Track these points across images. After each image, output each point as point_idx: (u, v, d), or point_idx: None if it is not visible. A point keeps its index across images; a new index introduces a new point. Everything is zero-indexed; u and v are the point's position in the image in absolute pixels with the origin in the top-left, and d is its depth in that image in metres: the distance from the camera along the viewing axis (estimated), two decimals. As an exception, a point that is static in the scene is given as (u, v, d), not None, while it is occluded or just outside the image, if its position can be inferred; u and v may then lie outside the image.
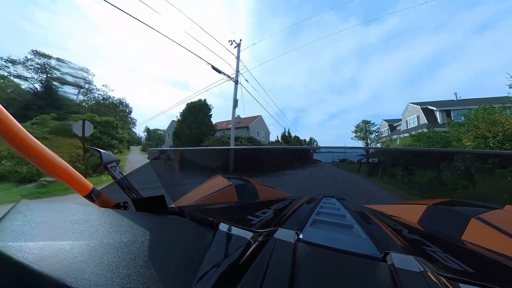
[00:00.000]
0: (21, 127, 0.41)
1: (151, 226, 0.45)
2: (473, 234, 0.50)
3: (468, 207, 0.63)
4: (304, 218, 0.55)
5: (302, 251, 0.36)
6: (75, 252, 0.30)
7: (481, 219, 0.52)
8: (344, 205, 0.69)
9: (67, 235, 0.34)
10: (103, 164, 0.74)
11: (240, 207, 0.82)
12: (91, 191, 0.59)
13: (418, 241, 0.49)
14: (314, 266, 0.33)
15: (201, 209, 0.74)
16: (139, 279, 0.28)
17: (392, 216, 0.65)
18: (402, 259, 0.33)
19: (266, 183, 0.98)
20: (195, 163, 0.89)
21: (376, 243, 0.41)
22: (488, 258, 0.42)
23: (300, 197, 0.84)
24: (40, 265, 0.25)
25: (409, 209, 0.69)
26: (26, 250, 0.27)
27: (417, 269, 0.31)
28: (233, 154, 0.97)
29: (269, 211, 0.65)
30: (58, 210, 0.41)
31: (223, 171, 0.92)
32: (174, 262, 0.35)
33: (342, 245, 0.40)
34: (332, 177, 0.87)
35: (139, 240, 0.38)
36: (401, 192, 0.78)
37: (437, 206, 0.64)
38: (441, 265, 0.35)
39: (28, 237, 0.30)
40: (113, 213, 0.47)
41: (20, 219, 0.33)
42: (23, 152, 0.42)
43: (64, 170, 0.51)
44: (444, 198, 0.68)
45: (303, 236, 0.41)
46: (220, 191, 0.84)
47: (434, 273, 0.30)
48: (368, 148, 1.29)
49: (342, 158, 0.78)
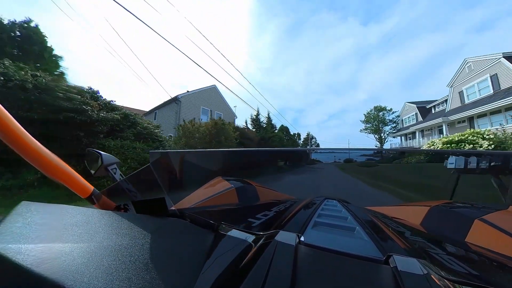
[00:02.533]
0: (21, 128, 0.41)
1: (152, 228, 0.45)
2: (477, 236, 0.49)
3: (471, 208, 0.62)
4: (305, 221, 0.55)
5: (304, 254, 0.36)
6: (75, 255, 0.29)
7: (485, 220, 0.51)
8: (345, 207, 0.69)
9: (67, 237, 0.34)
10: (103, 166, 0.74)
11: (241, 209, 0.81)
12: (92, 193, 0.59)
13: (421, 243, 0.49)
14: (316, 269, 0.33)
15: (202, 211, 0.74)
16: (139, 282, 0.28)
17: (394, 218, 0.65)
18: (405, 261, 0.33)
19: (267, 185, 0.97)
20: (196, 165, 0.89)
21: (378, 245, 0.41)
22: (492, 260, 0.42)
23: (301, 199, 0.84)
24: (40, 267, 0.25)
25: (411, 211, 0.69)
26: (26, 252, 0.27)
27: (420, 272, 0.30)
28: (234, 156, 0.97)
29: (270, 214, 0.65)
30: (59, 212, 0.41)
31: (224, 173, 0.92)
32: (174, 265, 0.35)
33: (343, 247, 0.39)
34: (334, 179, 0.86)
35: (139, 242, 0.38)
36: (404, 194, 0.78)
37: (440, 207, 0.63)
38: (444, 267, 0.34)
39: (28, 239, 0.29)
40: (114, 215, 0.47)
41: (20, 221, 0.33)
42: (24, 153, 0.42)
43: (64, 172, 0.51)
44: (447, 199, 0.67)
45: (304, 238, 0.41)
46: (221, 193, 0.83)
47: (437, 275, 0.30)
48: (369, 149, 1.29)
49: (343, 159, 0.77)
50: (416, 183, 0.76)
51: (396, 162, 0.80)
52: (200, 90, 20.70)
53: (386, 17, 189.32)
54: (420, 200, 0.74)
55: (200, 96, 20.52)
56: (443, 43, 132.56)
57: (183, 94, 18.97)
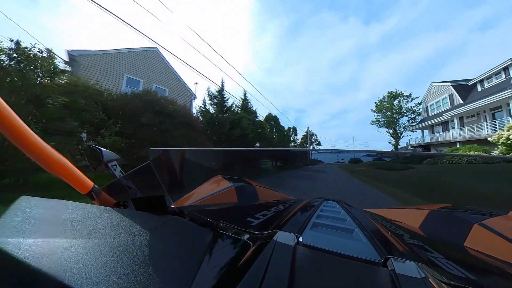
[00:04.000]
0: (23, 122, 0.41)
1: (151, 226, 0.45)
2: (476, 241, 0.49)
3: (471, 213, 0.62)
4: (304, 221, 0.55)
5: (302, 254, 0.36)
6: (74, 250, 0.29)
7: (484, 225, 0.51)
8: (344, 209, 0.69)
9: (66, 232, 0.34)
10: (104, 162, 0.74)
11: (240, 208, 0.81)
12: (92, 189, 0.59)
13: (420, 247, 0.49)
14: (314, 270, 0.33)
15: (201, 210, 0.74)
16: (137, 279, 0.28)
17: (393, 221, 0.65)
18: (403, 264, 0.33)
19: (267, 185, 0.98)
20: (196, 163, 0.89)
21: (376, 247, 0.41)
22: (491, 265, 0.42)
23: (301, 199, 0.84)
24: (39, 262, 0.25)
25: (410, 214, 0.69)
26: (25, 247, 0.27)
27: (418, 275, 0.30)
28: (234, 155, 0.97)
29: (269, 213, 0.65)
30: (58, 207, 0.41)
31: (224, 172, 0.92)
32: (172, 262, 0.35)
33: (342, 249, 0.39)
34: (334, 180, 0.86)
35: (138, 239, 0.38)
36: (404, 197, 0.78)
37: (439, 211, 0.63)
38: (442, 271, 0.34)
39: (27, 234, 0.30)
40: (113, 212, 0.47)
41: (19, 216, 0.33)
42: (24, 148, 0.42)
43: (64, 167, 0.51)
44: (446, 203, 0.67)
45: (302, 239, 0.41)
46: (220, 192, 0.84)
47: (435, 279, 0.30)
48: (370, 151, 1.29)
49: (344, 160, 0.77)
50: (416, 186, 0.76)
51: (398, 164, 0.80)
52: (123, 52, 13.06)
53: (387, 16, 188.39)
54: (419, 203, 0.74)
55: (124, 60, 13.09)
56: (445, 42, 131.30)
57: (83, 51, 11.16)
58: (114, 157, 0.77)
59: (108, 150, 0.78)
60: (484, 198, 0.64)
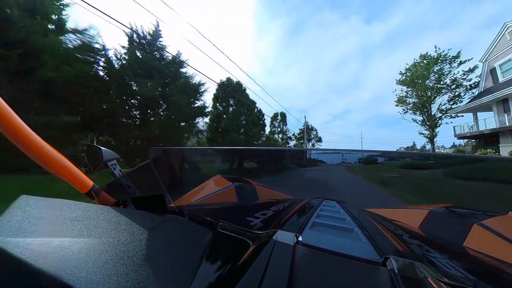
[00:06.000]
0: (23, 122, 0.41)
1: (150, 225, 0.45)
2: (475, 241, 0.49)
3: (471, 213, 0.62)
4: (303, 221, 0.55)
5: (301, 254, 0.36)
6: (73, 249, 0.29)
7: (484, 225, 0.51)
8: (344, 208, 0.69)
9: (66, 232, 0.34)
10: (103, 161, 0.74)
11: (239, 208, 0.81)
12: (91, 188, 0.59)
13: (419, 247, 0.49)
14: (313, 269, 0.33)
15: (201, 209, 0.74)
16: (136, 278, 0.28)
17: (393, 221, 0.65)
18: (402, 264, 0.33)
19: (267, 184, 0.98)
20: (195, 162, 0.89)
21: (376, 247, 0.41)
22: (490, 264, 0.42)
23: (300, 199, 0.84)
24: (38, 261, 0.25)
25: (410, 214, 0.69)
26: (24, 246, 0.27)
27: (417, 275, 0.30)
28: (234, 154, 0.97)
29: (269, 213, 0.65)
30: (58, 206, 0.41)
31: (224, 172, 0.92)
32: (172, 262, 0.35)
33: (341, 248, 0.39)
34: (333, 180, 0.86)
35: (137, 238, 0.38)
36: (403, 196, 0.78)
37: (439, 211, 0.63)
38: (442, 271, 0.34)
39: (26, 233, 0.30)
40: (112, 211, 0.47)
41: (19, 215, 0.33)
42: (23, 147, 0.42)
43: (64, 167, 0.51)
44: (446, 203, 0.67)
45: (302, 238, 0.41)
46: (220, 192, 0.84)
47: (434, 279, 0.30)
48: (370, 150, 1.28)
49: (344, 160, 0.77)
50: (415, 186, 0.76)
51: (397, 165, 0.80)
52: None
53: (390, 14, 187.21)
54: (419, 203, 0.74)
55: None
56: (450, 39, 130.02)
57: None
58: (113, 156, 0.77)
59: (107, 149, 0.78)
60: (484, 198, 0.64)
